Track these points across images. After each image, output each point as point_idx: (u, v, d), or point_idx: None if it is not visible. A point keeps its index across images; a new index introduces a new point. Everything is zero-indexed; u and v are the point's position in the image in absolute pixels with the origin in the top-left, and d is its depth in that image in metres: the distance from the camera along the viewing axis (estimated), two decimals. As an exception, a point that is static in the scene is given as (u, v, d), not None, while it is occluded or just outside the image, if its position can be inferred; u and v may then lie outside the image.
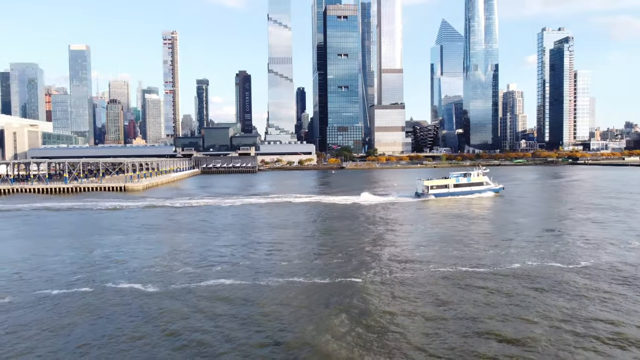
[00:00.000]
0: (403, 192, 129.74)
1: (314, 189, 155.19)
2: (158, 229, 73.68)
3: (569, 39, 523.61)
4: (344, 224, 76.54)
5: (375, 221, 79.92)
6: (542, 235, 63.28)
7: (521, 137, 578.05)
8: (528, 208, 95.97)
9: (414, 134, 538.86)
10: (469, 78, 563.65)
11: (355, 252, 54.16)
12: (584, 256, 49.80)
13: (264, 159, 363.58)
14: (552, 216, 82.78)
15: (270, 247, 57.51)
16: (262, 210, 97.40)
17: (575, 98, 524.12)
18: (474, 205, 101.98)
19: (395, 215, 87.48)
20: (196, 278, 43.55)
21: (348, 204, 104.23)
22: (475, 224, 74.57)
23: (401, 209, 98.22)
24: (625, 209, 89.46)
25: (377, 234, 67.20)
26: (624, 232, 64.40)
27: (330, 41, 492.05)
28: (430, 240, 60.87)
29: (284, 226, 74.93)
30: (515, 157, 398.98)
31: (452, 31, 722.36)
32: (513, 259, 48.83)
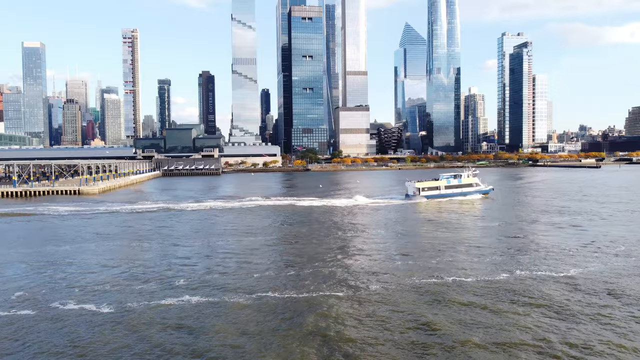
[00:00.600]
0: (392, 193, 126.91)
1: (281, 192, 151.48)
2: (114, 238, 68.30)
3: (528, 44, 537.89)
4: (319, 229, 73.14)
5: (359, 226, 76.77)
6: (523, 242, 61.70)
7: (482, 140, 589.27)
8: (516, 211, 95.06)
9: (378, 136, 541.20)
10: (431, 81, 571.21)
11: (332, 261, 50.67)
12: (568, 265, 48.13)
13: (228, 161, 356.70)
14: (535, 221, 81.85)
15: (238, 257, 53.27)
16: (228, 215, 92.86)
17: (533, 102, 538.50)
18: (465, 208, 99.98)
19: (384, 219, 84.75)
20: (155, 296, 39.07)
21: (324, 207, 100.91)
22: (463, 230, 72.48)
23: (391, 211, 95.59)
24: (595, 212, 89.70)
25: (359, 240, 63.87)
26: (603, 237, 63.58)
27: (295, 43, 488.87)
28: (416, 247, 58.05)
29: (252, 233, 70.83)
30: (478, 159, 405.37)
31: (416, 34, 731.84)
32: (500, 269, 46.62)
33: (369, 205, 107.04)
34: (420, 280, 42.35)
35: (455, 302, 36.19)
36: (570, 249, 54.51)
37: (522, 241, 60.73)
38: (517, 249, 55.23)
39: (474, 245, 57.85)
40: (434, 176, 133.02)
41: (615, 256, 50.78)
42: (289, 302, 37.24)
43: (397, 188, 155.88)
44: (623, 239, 60.05)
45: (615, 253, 52.29)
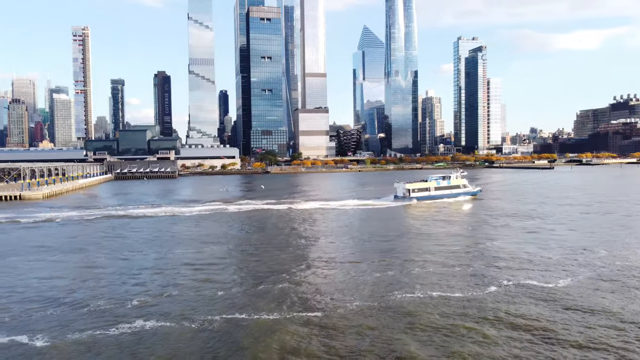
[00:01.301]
0: (381, 195, 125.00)
1: (241, 195, 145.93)
2: (55, 250, 61.47)
3: (482, 48, 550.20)
4: (289, 236, 68.83)
5: (338, 231, 72.82)
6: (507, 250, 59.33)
7: (439, 142, 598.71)
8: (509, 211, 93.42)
9: (337, 138, 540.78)
10: (390, 84, 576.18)
11: (304, 275, 46.45)
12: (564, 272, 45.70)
13: (185, 164, 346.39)
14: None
15: (198, 271, 48.15)
16: (186, 221, 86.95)
17: (488, 105, 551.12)
18: (455, 209, 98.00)
19: (373, 223, 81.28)
20: (103, 322, 33.80)
21: (293, 211, 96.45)
22: (449, 238, 69.69)
23: (382, 214, 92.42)
24: (563, 215, 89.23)
25: (337, 248, 59.88)
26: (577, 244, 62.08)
27: (253, 43, 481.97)
28: (396, 258, 54.51)
29: (213, 241, 65.57)
30: (436, 161, 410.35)
31: (374, 37, 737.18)
32: (474, 283, 43.64)
33: (358, 207, 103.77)
34: (396, 296, 38.77)
35: (434, 327, 32.66)
36: (547, 259, 52.34)
37: (498, 250, 58.34)
38: (491, 260, 52.60)
39: (445, 256, 55.02)
40: (396, 178, 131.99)
41: (591, 265, 48.89)
42: (255, 324, 32.90)
43: (360, 190, 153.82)
44: (598, 246, 58.61)
45: (589, 262, 50.46)
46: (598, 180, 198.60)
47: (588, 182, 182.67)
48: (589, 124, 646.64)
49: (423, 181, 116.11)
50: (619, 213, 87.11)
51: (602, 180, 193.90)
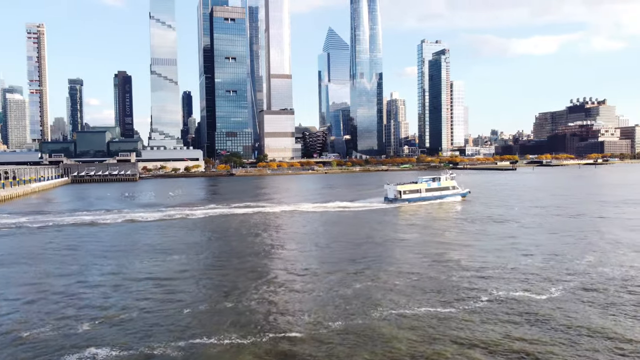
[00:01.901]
0: (370, 197, 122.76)
1: (206, 199, 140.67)
2: (1, 263, 56.13)
3: (446, 51, 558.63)
4: (260, 243, 64.84)
5: (316, 236, 69.29)
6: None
7: (404, 143, 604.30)
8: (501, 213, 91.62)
9: (303, 140, 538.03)
10: (355, 86, 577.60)
11: (279, 289, 42.94)
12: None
13: (147, 166, 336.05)
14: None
15: (161, 286, 43.55)
16: (147, 228, 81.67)
17: (451, 107, 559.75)
18: (445, 211, 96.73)
19: (358, 227, 77.70)
20: (48, 351, 29.56)
21: (264, 215, 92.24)
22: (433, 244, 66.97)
23: (372, 216, 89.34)
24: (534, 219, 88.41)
25: (318, 256, 56.36)
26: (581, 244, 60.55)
27: (217, 44, 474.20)
28: (384, 271, 51.31)
29: (177, 250, 60.80)
30: (402, 162, 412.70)
31: (339, 39, 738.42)
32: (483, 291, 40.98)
33: (348, 209, 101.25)
34: (372, 315, 35.71)
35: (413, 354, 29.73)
36: (538, 269, 50.39)
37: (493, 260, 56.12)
38: (481, 271, 50.24)
39: (428, 266, 52.41)
40: (362, 180, 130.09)
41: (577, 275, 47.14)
42: (220, 351, 29.21)
43: (332, 191, 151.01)
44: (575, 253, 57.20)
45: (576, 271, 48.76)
46: (565, 181, 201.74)
47: (557, 184, 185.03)
48: (548, 126, 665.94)
49: (413, 183, 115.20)
50: (604, 216, 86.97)
51: (570, 182, 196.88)
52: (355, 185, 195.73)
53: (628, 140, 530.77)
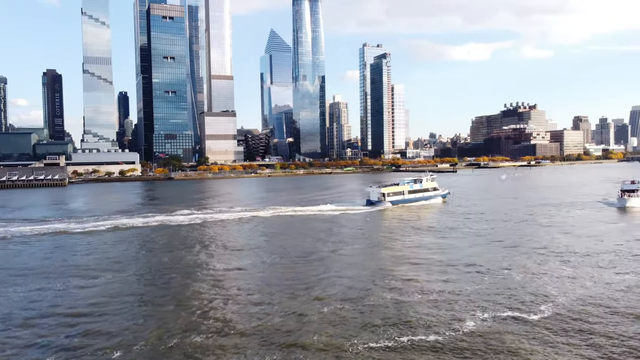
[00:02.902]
0: (352, 200, 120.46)
1: (142, 205, 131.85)
2: None
3: (387, 55, 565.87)
4: (207, 257, 59.03)
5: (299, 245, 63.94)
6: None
7: (347, 146, 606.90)
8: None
9: (245, 142, 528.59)
10: (297, 88, 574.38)
11: (222, 318, 37.76)
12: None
13: (77, 170, 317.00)
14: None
15: (88, 315, 36.83)
16: (77, 240, 73.52)
17: (393, 110, 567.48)
18: (427, 213, 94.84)
19: (344, 232, 72.96)
20: None
21: (212, 224, 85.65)
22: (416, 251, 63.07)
23: (357, 221, 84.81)
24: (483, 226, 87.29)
25: (267, 271, 51.21)
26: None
27: (155, 43, 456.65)
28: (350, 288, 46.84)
29: (110, 267, 53.93)
30: (345, 165, 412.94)
31: (281, 41, 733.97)
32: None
33: (326, 213, 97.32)
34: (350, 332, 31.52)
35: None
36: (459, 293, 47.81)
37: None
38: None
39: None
40: (306, 183, 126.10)
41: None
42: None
43: (275, 196, 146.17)
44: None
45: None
46: (512, 184, 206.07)
47: (504, 187, 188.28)
48: (483, 130, 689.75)
49: (395, 185, 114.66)
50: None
51: (514, 184, 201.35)
52: (306, 188, 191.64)
53: (557, 144, 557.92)
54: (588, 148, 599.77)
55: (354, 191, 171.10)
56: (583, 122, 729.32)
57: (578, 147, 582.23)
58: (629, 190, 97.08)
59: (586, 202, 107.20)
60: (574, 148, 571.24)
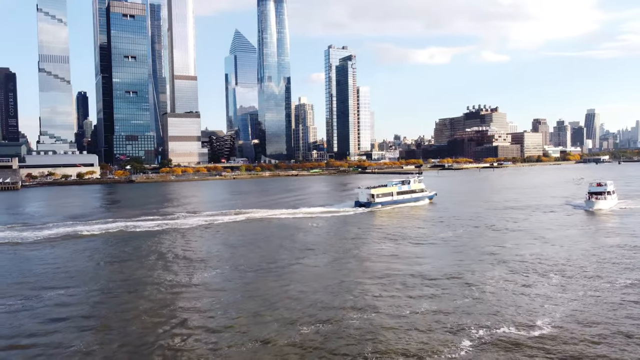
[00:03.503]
0: (339, 202, 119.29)
1: (105, 210, 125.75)
2: None
3: (352, 57, 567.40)
4: (169, 269, 55.16)
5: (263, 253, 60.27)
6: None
7: (313, 148, 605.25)
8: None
9: (210, 144, 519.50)
10: (263, 89, 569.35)
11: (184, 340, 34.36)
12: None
13: (31, 173, 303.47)
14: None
15: (34, 335, 33.32)
16: (25, 250, 68.08)
17: (358, 112, 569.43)
18: (415, 216, 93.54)
19: (325, 236, 69.09)
20: None
21: (175, 230, 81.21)
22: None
23: (342, 224, 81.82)
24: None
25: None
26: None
27: (115, 41, 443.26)
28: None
29: (61, 283, 49.39)
30: (312, 167, 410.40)
31: (246, 42, 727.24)
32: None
33: (308, 216, 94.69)
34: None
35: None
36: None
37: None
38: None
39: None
40: (270, 185, 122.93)
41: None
42: None
43: (244, 199, 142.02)
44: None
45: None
46: (479, 184, 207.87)
47: (474, 187, 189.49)
48: (447, 132, 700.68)
49: (383, 186, 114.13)
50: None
51: (482, 185, 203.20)
52: (272, 191, 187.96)
53: (518, 145, 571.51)
54: (547, 150, 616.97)
55: (323, 193, 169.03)
56: (542, 125, 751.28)
57: (537, 148, 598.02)
58: (596, 193, 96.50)
59: (555, 204, 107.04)
60: (534, 150, 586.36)
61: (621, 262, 50.42)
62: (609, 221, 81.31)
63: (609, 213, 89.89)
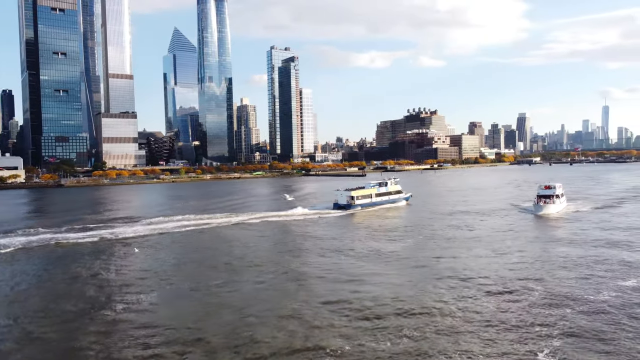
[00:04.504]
0: (317, 204, 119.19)
1: (27, 218, 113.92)
2: None
3: (295, 59, 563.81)
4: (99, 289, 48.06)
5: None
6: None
7: (256, 150, 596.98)
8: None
9: (148, 146, 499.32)
10: (203, 90, 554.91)
11: None
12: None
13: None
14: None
15: None
16: None
17: (301, 114, 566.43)
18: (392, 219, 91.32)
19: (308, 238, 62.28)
20: None
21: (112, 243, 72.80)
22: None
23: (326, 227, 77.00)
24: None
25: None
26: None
27: (42, 37, 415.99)
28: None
29: None
30: (254, 169, 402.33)
31: (185, 41, 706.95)
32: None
33: (284, 219, 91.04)
34: None
35: None
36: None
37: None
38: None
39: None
40: (212, 188, 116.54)
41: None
42: None
43: (169, 204, 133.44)
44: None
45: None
46: (429, 187, 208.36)
47: (426, 190, 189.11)
48: (388, 134, 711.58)
49: (361, 188, 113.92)
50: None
51: (432, 187, 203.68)
52: (217, 194, 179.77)
53: (456, 148, 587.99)
54: (483, 152, 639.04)
55: (263, 196, 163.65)
56: (477, 128, 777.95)
57: (475, 150, 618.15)
58: (545, 196, 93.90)
59: (503, 208, 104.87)
60: (471, 152, 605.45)
61: (570, 277, 48.81)
62: (557, 228, 78.28)
63: (558, 218, 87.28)
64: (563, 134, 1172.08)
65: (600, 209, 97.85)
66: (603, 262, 51.43)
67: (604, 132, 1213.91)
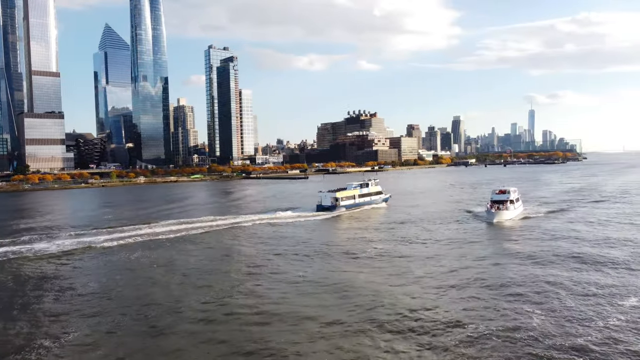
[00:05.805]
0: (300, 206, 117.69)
1: None
2: None
3: (234, 59, 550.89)
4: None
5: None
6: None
7: (194, 152, 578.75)
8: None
9: (77, 148, 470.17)
10: (137, 89, 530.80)
11: None
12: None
13: None
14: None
15: None
16: None
17: (241, 115, 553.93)
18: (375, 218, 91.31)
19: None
20: None
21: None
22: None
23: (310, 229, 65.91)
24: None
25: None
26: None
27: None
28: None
29: None
30: (192, 172, 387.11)
31: (118, 38, 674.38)
32: None
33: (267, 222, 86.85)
34: None
35: None
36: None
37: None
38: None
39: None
40: (146, 192, 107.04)
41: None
42: None
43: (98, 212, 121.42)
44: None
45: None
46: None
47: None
48: (329, 136, 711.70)
49: (343, 189, 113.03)
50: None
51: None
52: (152, 200, 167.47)
53: (396, 150, 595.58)
54: (422, 154, 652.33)
55: (200, 204, 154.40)
56: (415, 130, 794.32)
57: (413, 152, 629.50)
58: (498, 202, 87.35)
59: (454, 215, 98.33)
60: (410, 154, 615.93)
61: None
62: (511, 237, 71.60)
63: (512, 226, 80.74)
64: (494, 136, 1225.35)
65: (554, 213, 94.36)
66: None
67: (531, 135, 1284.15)
